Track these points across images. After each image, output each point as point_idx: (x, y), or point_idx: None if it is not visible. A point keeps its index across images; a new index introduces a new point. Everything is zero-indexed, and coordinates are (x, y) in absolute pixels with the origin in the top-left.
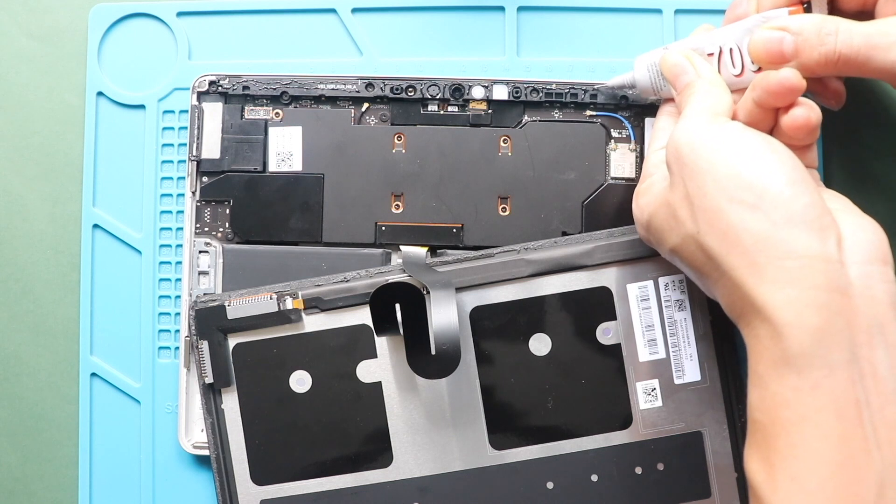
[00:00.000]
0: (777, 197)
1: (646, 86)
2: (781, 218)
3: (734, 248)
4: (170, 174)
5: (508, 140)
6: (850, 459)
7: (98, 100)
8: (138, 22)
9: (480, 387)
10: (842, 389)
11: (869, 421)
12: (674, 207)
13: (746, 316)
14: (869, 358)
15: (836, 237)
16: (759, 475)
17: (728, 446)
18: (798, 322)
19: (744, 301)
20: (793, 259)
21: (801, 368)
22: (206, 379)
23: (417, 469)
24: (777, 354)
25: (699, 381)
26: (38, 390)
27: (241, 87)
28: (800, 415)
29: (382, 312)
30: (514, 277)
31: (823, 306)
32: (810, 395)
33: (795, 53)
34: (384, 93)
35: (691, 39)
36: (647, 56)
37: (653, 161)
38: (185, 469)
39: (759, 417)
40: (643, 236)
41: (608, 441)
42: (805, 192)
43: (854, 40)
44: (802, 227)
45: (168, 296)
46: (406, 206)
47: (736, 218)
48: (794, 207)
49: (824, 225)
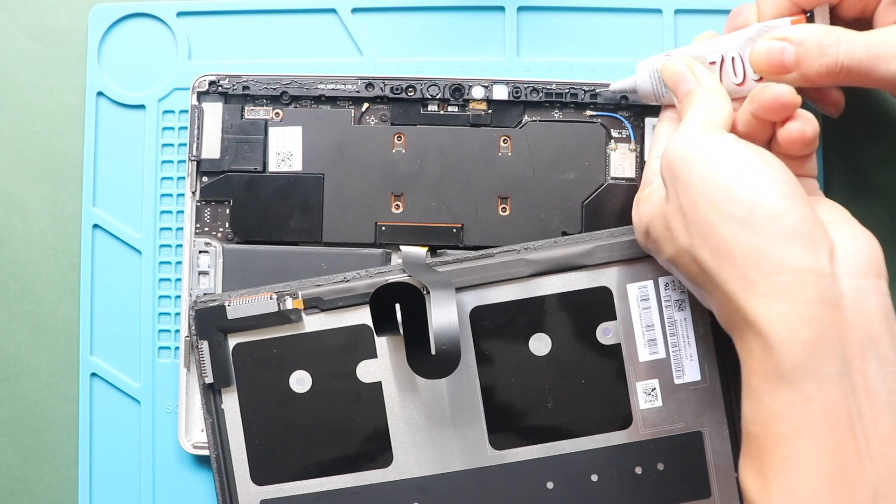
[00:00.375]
0: (768, 211)
1: (647, 92)
2: (772, 232)
3: (726, 262)
4: (170, 174)
5: (508, 140)
6: (843, 472)
7: (98, 100)
8: (138, 22)
9: (480, 387)
10: (834, 402)
11: (862, 433)
12: (668, 219)
13: (739, 329)
14: (861, 371)
15: (829, 250)
16: (753, 487)
17: (728, 446)
18: (790, 336)
19: (736, 314)
20: (784, 273)
21: (793, 382)
22: (206, 379)
23: (417, 469)
24: (769, 368)
25: (699, 381)
26: (38, 390)
27: (241, 87)
28: (793, 428)
29: (382, 312)
30: (514, 277)
31: (815, 320)
32: (803, 408)
33: (797, 64)
34: (384, 93)
35: (694, 46)
36: (649, 61)
37: (653, 168)
38: (185, 469)
39: (753, 430)
40: (642, 243)
41: (608, 441)
42: (796, 206)
43: (856, 51)
44: (793, 241)
45: (168, 296)
46: (406, 206)
47: (727, 232)
48: (785, 221)
49: (816, 238)
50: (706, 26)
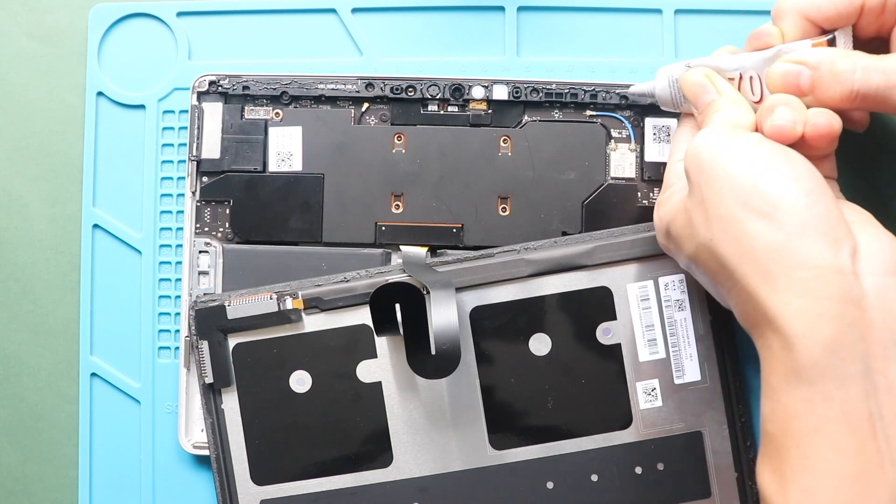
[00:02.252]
0: (792, 206)
1: (665, 99)
2: (795, 227)
3: (747, 257)
4: (170, 174)
5: (508, 140)
6: (862, 472)
7: (98, 100)
8: (138, 22)
9: (480, 387)
10: (855, 402)
11: (883, 434)
12: (690, 213)
13: (759, 326)
14: (883, 371)
15: (851, 248)
16: (770, 486)
17: (728, 446)
18: (810, 333)
19: (756, 311)
20: (805, 269)
21: (812, 380)
22: (206, 379)
23: (417, 469)
24: (789, 366)
25: (699, 380)
26: (38, 390)
27: (241, 87)
28: (812, 427)
29: (382, 312)
30: (514, 277)
31: (836, 317)
32: (822, 407)
33: (812, 89)
34: (384, 93)
35: (713, 58)
36: (668, 69)
37: (675, 171)
38: (185, 469)
39: (772, 429)
40: (663, 244)
41: (608, 441)
42: (820, 202)
43: (872, 78)
44: (816, 237)
45: (168, 296)
46: (406, 206)
47: (750, 226)
48: (808, 217)
49: (839, 236)
50: (706, 26)
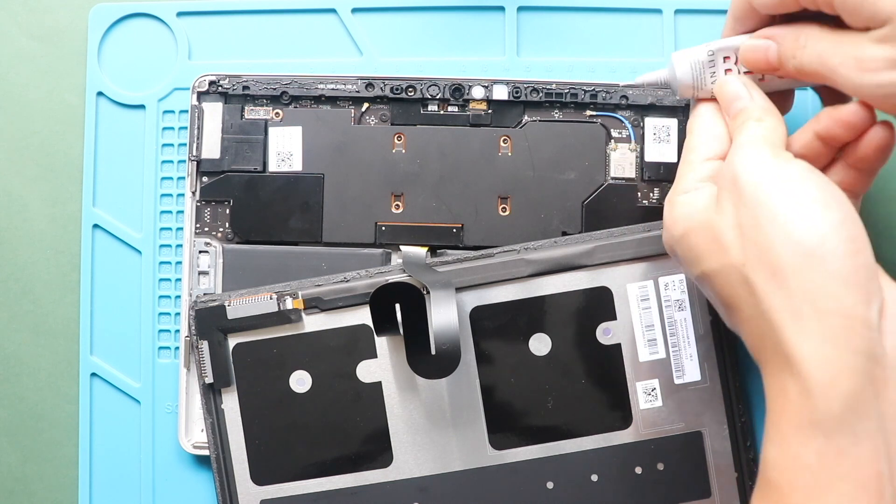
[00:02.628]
0: (834, 250)
1: (687, 83)
2: (835, 272)
3: (781, 291)
4: (170, 174)
5: (508, 140)
6: None
7: (98, 100)
8: (138, 22)
9: (480, 387)
10: (866, 460)
11: (891, 496)
12: (719, 232)
13: (773, 364)
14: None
15: (881, 304)
16: None
17: (728, 446)
18: (832, 383)
19: (776, 348)
20: (838, 317)
21: (828, 432)
22: (206, 379)
23: (417, 469)
24: (804, 415)
25: (699, 381)
26: (38, 390)
27: (241, 87)
28: (822, 482)
29: (382, 312)
30: (514, 277)
31: (860, 372)
32: (834, 462)
33: (780, 63)
34: (384, 93)
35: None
36: (685, 53)
37: (698, 174)
38: (185, 469)
39: (776, 477)
40: (668, 245)
41: (608, 441)
42: (862, 252)
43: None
44: (852, 287)
45: (168, 296)
46: (406, 206)
47: (790, 259)
48: (851, 266)
49: (872, 290)
50: (706, 26)
